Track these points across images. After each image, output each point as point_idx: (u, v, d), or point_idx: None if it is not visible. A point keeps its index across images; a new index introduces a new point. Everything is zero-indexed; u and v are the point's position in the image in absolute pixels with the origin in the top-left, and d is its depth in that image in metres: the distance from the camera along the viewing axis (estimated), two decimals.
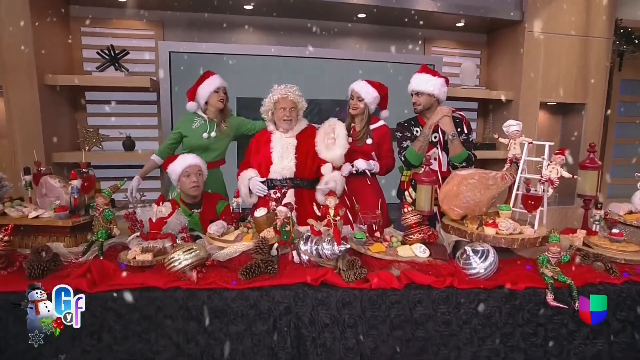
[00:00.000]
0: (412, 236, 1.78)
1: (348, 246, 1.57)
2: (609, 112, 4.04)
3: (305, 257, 1.59)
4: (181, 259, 1.49)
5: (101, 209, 1.68)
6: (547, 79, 3.60)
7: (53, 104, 2.95)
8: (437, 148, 2.27)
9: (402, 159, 2.29)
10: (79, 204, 1.81)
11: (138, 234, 1.67)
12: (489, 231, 1.65)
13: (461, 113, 2.26)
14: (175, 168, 2.13)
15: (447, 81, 2.31)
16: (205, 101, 2.48)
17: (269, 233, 1.66)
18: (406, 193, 2.40)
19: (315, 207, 1.77)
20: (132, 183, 2.40)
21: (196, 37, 3.36)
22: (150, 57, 3.35)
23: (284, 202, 1.79)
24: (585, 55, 3.60)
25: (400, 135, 2.38)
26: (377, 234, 1.80)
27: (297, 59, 3.20)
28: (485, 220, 1.71)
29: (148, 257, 1.56)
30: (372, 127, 2.41)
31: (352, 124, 2.45)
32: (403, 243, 1.78)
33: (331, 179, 2.19)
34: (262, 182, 2.27)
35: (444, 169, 2.26)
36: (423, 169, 2.01)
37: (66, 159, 2.94)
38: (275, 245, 1.64)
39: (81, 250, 1.68)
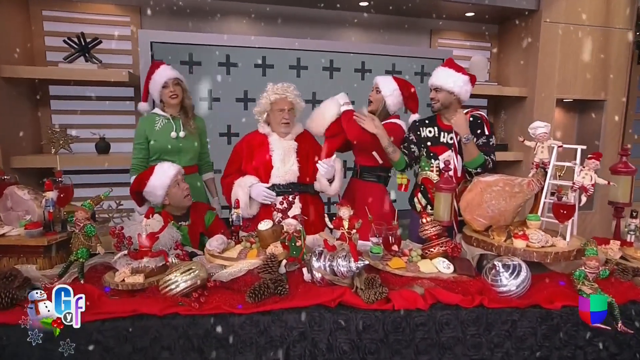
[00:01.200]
0: (432, 249, 1.80)
1: (366, 262, 1.57)
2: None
3: (318, 275, 1.58)
4: (179, 280, 1.46)
5: (82, 224, 1.64)
6: (564, 73, 3.68)
7: (10, 100, 2.86)
8: (452, 151, 2.29)
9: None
10: (55, 218, 1.76)
11: (125, 252, 1.62)
12: (519, 244, 1.67)
13: (481, 112, 2.29)
14: (160, 181, 2.08)
15: (473, 79, 2.33)
16: (159, 98, 2.45)
17: (276, 249, 1.65)
18: (415, 199, 2.47)
19: (326, 219, 1.77)
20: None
21: (179, 26, 3.32)
22: (126, 47, 3.29)
23: (291, 212, 1.78)
24: (605, 48, 3.69)
25: (404, 137, 2.43)
26: (395, 248, 1.81)
27: (297, 52, 3.20)
28: (514, 231, 1.73)
29: (139, 279, 1.53)
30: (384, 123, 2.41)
31: None
32: (423, 257, 1.79)
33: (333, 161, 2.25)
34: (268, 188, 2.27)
35: (459, 173, 2.29)
36: (442, 175, 2.03)
37: (29, 164, 2.86)
38: (284, 262, 1.63)
39: (57, 272, 1.63)
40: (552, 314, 1.46)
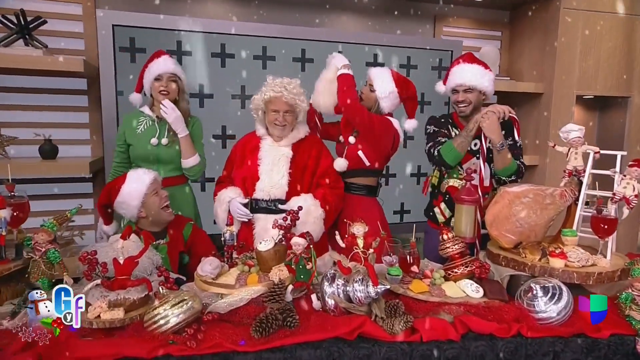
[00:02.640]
0: (456, 270, 1.85)
1: (387, 286, 1.61)
2: None
3: (331, 302, 1.60)
4: (169, 315, 1.45)
5: (43, 249, 1.61)
6: (585, 67, 3.84)
7: None
8: (480, 158, 2.35)
9: (435, 154, 2.37)
10: (7, 243, 1.71)
11: (99, 281, 1.59)
12: (557, 263, 1.75)
13: (514, 115, 2.37)
14: (135, 187, 2.07)
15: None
16: (149, 92, 2.46)
17: (282, 272, 1.66)
18: (436, 210, 2.53)
19: (337, 236, 1.80)
20: (101, 227, 2.31)
21: (143, 5, 3.29)
22: (76, 28, 3.24)
23: (297, 230, 1.80)
24: (630, 38, 3.88)
25: (435, 129, 2.46)
26: (415, 268, 1.86)
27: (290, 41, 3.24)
28: (549, 249, 1.81)
29: (119, 313, 1.51)
30: None
31: None
32: (446, 279, 1.84)
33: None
34: (245, 205, 2.28)
35: (486, 183, 2.36)
36: (464, 185, 2.10)
37: None
38: (290, 288, 1.65)
39: (9, 311, 1.59)
40: (600, 344, 1.54)
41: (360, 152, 2.41)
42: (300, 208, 1.89)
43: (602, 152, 1.96)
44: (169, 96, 2.42)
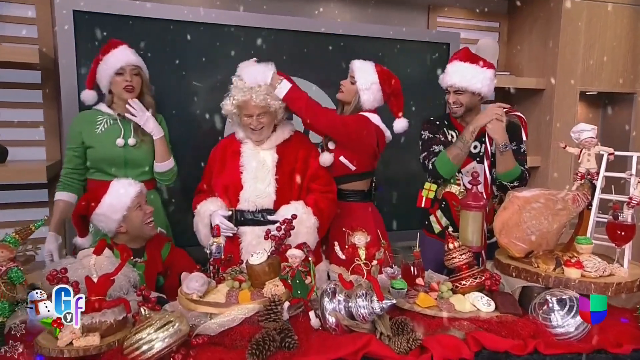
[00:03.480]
0: (463, 282, 1.90)
1: (393, 301, 1.64)
2: None
3: (331, 320, 1.62)
4: (154, 339, 1.43)
5: (3, 268, 1.58)
6: (589, 61, 3.97)
7: None
8: (484, 161, 2.42)
9: (430, 167, 2.42)
10: None
11: None
12: (573, 273, 1.81)
13: (519, 113, 2.44)
14: (118, 200, 2.07)
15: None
16: (108, 89, 2.43)
17: (277, 288, 1.67)
18: (432, 218, 2.58)
19: (336, 247, 1.82)
20: (48, 246, 2.29)
21: None
22: (25, 13, 3.17)
23: (291, 241, 1.82)
24: (637, 30, 4.03)
25: (430, 135, 2.51)
26: (420, 281, 1.89)
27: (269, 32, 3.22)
28: (565, 258, 1.86)
29: (94, 339, 1.48)
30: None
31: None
32: (453, 292, 1.88)
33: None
34: (229, 218, 2.28)
35: (489, 188, 2.42)
36: (470, 190, 2.15)
37: None
38: (286, 305, 1.66)
39: None
40: None
41: (342, 158, 2.44)
42: (294, 217, 1.90)
43: (617, 153, 2.03)
44: (133, 92, 2.40)
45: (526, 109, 4.19)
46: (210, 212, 2.26)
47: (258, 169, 2.27)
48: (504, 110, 2.33)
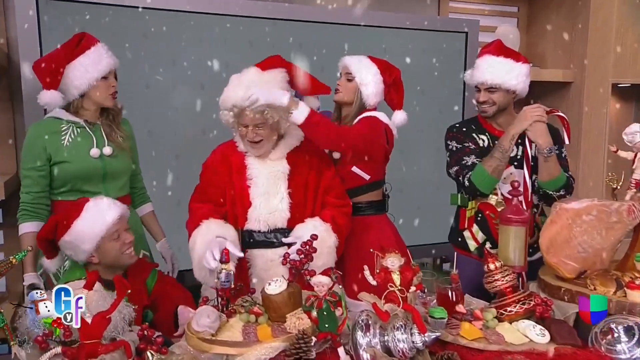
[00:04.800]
0: (510, 309, 1.91)
1: (438, 334, 1.64)
2: None
3: (366, 356, 1.62)
4: None
5: None
6: (621, 50, 4.04)
7: None
8: (524, 167, 2.44)
9: (466, 183, 2.44)
10: None
11: (58, 349, 1.59)
12: (638, 297, 1.83)
13: (560, 113, 2.47)
14: (92, 228, 2.02)
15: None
16: (82, 93, 2.36)
17: (301, 321, 1.67)
18: (466, 234, 2.60)
19: (366, 272, 1.82)
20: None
21: None
22: None
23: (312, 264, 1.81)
24: None
25: (458, 146, 2.53)
26: (461, 308, 1.90)
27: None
28: (626, 279, 1.89)
29: None
30: (357, 119, 2.50)
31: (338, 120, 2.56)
32: (499, 320, 1.90)
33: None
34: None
35: (529, 198, 2.42)
36: (510, 202, 2.17)
37: None
38: (313, 340, 1.66)
39: None
40: None
41: (355, 169, 2.45)
42: (314, 237, 1.89)
43: None
44: (115, 100, 2.40)
45: (551, 105, 4.23)
46: (211, 237, 2.14)
47: (269, 183, 2.25)
48: (544, 111, 2.36)
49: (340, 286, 1.75)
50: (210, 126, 3.18)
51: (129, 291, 1.69)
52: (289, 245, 2.18)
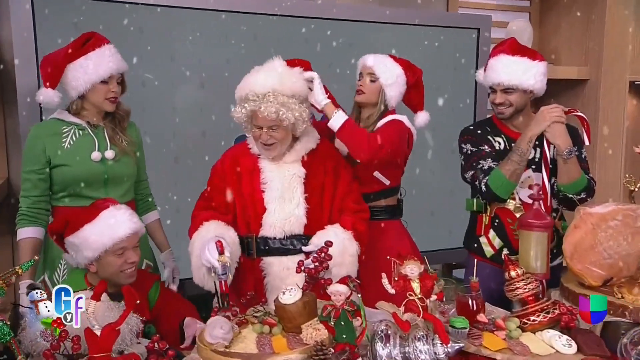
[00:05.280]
0: (533, 318, 1.91)
1: (461, 344, 1.66)
2: None
3: None
4: None
5: None
6: (638, 45, 4.07)
7: None
8: (542, 169, 2.46)
9: (483, 188, 2.44)
10: None
11: None
12: None
13: (580, 113, 2.49)
14: (100, 236, 2.02)
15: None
16: (81, 94, 2.37)
17: (318, 332, 1.68)
18: (482, 240, 2.62)
19: (384, 280, 1.83)
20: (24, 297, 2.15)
21: None
22: None
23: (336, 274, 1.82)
24: None
25: (473, 149, 2.54)
26: (482, 317, 1.91)
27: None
28: None
29: None
30: (380, 123, 2.53)
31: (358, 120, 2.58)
32: (522, 330, 1.90)
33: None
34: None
35: (549, 202, 2.46)
36: (531, 206, 2.18)
37: None
38: (331, 352, 1.67)
39: None
40: None
41: (377, 174, 2.48)
42: (329, 244, 1.90)
43: None
44: (114, 104, 2.39)
45: (565, 104, 4.25)
46: (216, 235, 2.16)
47: (284, 187, 2.25)
48: (562, 111, 2.39)
49: (359, 295, 1.75)
50: (211, 127, 3.24)
51: (138, 302, 1.70)
52: (307, 254, 2.17)
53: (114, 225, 2.05)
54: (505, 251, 2.50)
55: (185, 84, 3.22)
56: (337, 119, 2.26)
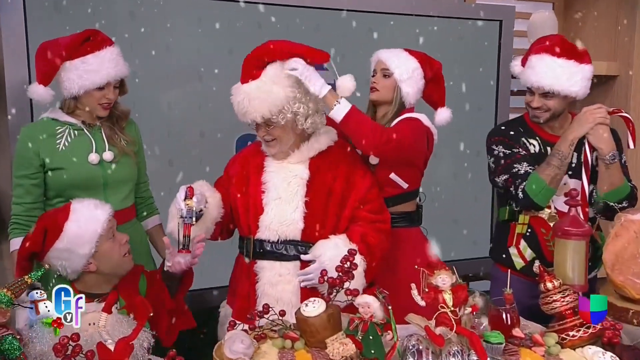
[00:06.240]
0: (573, 333, 1.95)
1: None
2: None
3: None
4: None
5: None
6: None
7: None
8: (582, 175, 2.50)
9: (520, 195, 2.46)
10: None
11: None
12: None
13: (625, 113, 2.52)
14: (86, 227, 2.03)
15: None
16: (72, 96, 2.38)
17: (346, 347, 1.70)
18: (512, 250, 2.66)
19: (414, 291, 1.86)
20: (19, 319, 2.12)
21: None
22: None
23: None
24: None
25: (506, 151, 2.56)
26: (518, 332, 1.94)
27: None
28: None
29: None
30: (396, 121, 2.55)
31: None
32: (561, 346, 1.94)
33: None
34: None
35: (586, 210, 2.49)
36: (567, 213, 2.22)
37: None
38: None
39: None
40: None
41: (393, 176, 2.50)
42: (354, 252, 1.93)
43: None
44: (107, 111, 2.41)
45: (593, 102, 4.29)
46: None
47: (283, 189, 2.29)
48: (606, 112, 2.42)
49: (389, 307, 1.78)
50: (209, 125, 3.24)
51: (151, 314, 1.73)
52: (303, 262, 2.24)
53: (91, 211, 2.07)
54: (536, 262, 2.53)
55: (182, 76, 3.21)
56: (339, 109, 2.23)
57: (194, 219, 2.09)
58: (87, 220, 2.05)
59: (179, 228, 2.09)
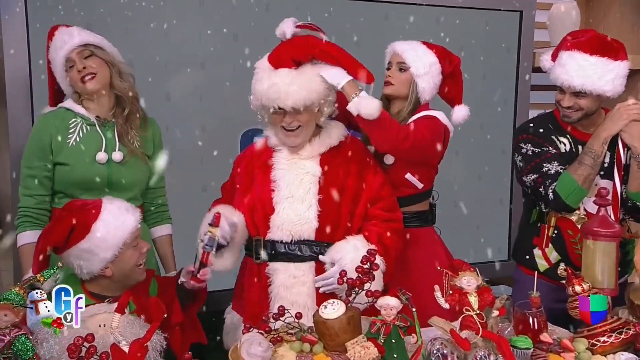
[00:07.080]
0: (604, 339, 1.99)
1: None
2: None
3: None
4: None
5: (7, 338, 1.67)
6: None
7: None
8: (614, 175, 2.53)
9: (550, 196, 2.50)
10: None
11: None
12: None
13: None
14: (115, 233, 2.08)
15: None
16: (68, 86, 2.48)
17: (368, 350, 1.75)
18: (536, 252, 2.71)
19: (437, 293, 1.91)
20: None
21: None
22: None
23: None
24: None
25: (536, 150, 2.59)
26: (546, 337, 1.99)
27: None
28: None
29: None
30: (412, 118, 2.58)
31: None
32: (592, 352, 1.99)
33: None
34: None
35: (617, 211, 2.51)
36: (597, 213, 2.27)
37: None
38: None
39: None
40: None
41: (409, 176, 2.55)
42: (373, 252, 1.98)
43: None
44: (94, 80, 2.41)
45: (618, 97, 4.37)
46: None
47: (295, 186, 2.33)
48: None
49: (414, 309, 1.83)
50: (212, 119, 3.26)
51: (165, 315, 1.77)
52: (319, 262, 2.30)
53: (121, 215, 2.12)
54: (562, 265, 2.58)
55: (182, 65, 3.23)
56: (359, 103, 2.25)
57: (214, 248, 2.12)
58: (115, 226, 2.10)
59: (197, 251, 2.15)
